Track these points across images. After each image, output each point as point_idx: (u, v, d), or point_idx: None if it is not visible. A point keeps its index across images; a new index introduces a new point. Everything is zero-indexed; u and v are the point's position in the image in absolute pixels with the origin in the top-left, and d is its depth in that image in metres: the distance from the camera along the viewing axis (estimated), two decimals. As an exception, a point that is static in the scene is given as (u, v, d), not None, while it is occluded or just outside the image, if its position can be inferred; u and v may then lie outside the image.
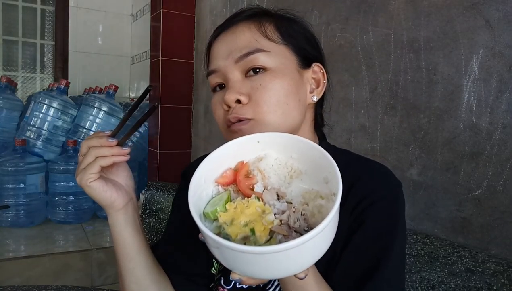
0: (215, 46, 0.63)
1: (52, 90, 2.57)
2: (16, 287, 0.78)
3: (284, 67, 0.60)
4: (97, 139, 0.59)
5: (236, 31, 0.61)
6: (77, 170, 0.60)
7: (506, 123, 0.85)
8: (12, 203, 2.12)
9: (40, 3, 3.39)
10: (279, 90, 0.58)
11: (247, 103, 0.58)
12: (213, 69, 0.63)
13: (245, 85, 0.59)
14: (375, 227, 0.58)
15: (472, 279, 0.74)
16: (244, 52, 0.59)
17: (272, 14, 0.65)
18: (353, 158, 0.68)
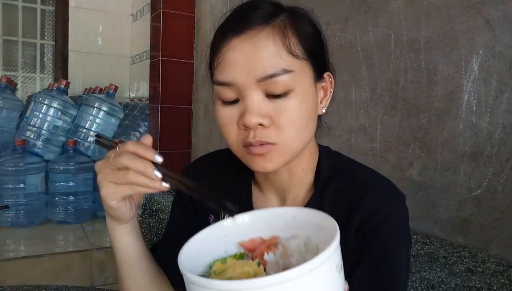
0: (230, 54, 0.54)
1: (52, 90, 2.57)
2: (16, 287, 0.78)
3: (306, 87, 0.56)
4: (142, 164, 0.50)
5: (257, 41, 0.53)
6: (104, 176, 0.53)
7: (506, 123, 0.85)
8: (12, 203, 2.12)
9: (40, 3, 3.39)
10: (303, 114, 0.56)
11: (269, 126, 0.54)
12: (228, 82, 0.55)
13: (266, 106, 0.54)
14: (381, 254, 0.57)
15: (472, 279, 0.74)
16: (269, 74, 0.53)
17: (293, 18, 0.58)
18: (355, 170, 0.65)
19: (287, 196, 0.65)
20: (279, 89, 0.53)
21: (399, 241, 0.58)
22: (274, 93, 0.54)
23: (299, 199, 0.65)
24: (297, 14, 0.59)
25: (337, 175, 0.63)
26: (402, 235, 0.59)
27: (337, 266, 0.39)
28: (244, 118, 0.54)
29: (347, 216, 0.58)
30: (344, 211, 0.59)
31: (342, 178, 0.62)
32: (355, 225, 0.57)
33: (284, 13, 0.57)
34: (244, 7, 0.58)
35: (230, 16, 0.59)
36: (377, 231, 0.57)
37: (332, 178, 0.63)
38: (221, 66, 0.56)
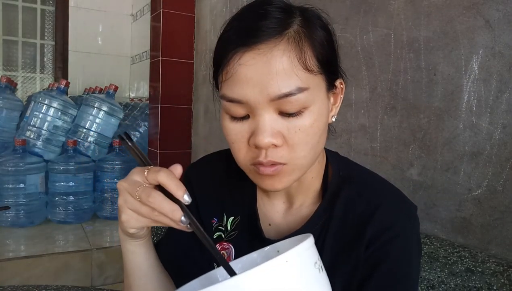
0: (241, 70, 0.50)
1: (52, 90, 2.57)
2: (16, 287, 0.78)
3: (320, 102, 0.54)
4: (170, 209, 0.46)
5: (271, 58, 0.49)
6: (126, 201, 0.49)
7: (506, 123, 0.85)
8: (12, 203, 2.12)
9: (40, 3, 3.39)
10: (316, 132, 0.53)
11: (281, 146, 0.52)
12: (239, 100, 0.51)
13: (279, 125, 0.51)
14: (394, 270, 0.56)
15: (472, 279, 0.74)
16: (284, 93, 0.49)
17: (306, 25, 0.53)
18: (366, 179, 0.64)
19: (293, 202, 0.64)
20: (293, 108, 0.51)
21: (411, 256, 0.58)
22: (288, 112, 0.51)
23: (306, 206, 0.64)
24: (310, 19, 0.55)
25: (348, 184, 0.62)
26: (414, 249, 0.59)
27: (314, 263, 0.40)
28: (256, 138, 0.51)
29: (359, 227, 0.57)
30: (356, 222, 0.58)
31: (353, 188, 0.61)
32: (367, 238, 0.57)
33: (297, 20, 0.53)
34: (252, 15, 0.53)
35: (237, 25, 0.54)
36: (390, 246, 0.56)
37: (343, 187, 0.61)
38: (230, 82, 0.52)
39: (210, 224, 0.68)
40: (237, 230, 0.65)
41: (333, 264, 0.57)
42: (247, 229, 0.65)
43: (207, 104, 2.25)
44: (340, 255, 0.58)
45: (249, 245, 0.63)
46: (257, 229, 0.63)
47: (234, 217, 0.66)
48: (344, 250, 0.58)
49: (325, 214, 0.61)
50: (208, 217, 0.68)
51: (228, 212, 0.67)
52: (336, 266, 0.57)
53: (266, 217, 0.65)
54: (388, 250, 0.56)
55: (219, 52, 0.54)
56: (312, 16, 0.55)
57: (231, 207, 0.67)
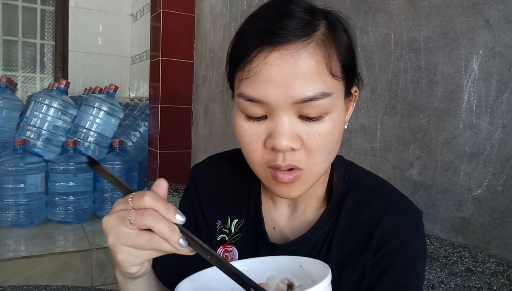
0: (266, 69, 0.48)
1: (52, 90, 2.57)
2: (16, 287, 0.78)
3: (340, 109, 0.53)
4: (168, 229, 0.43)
5: (299, 59, 0.48)
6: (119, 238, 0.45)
7: (506, 123, 0.85)
8: (12, 203, 2.12)
9: (40, 3, 3.39)
10: (334, 139, 0.52)
11: (299, 149, 0.50)
12: (259, 100, 0.49)
13: (298, 128, 0.50)
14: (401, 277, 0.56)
15: (472, 279, 0.74)
16: (308, 96, 0.48)
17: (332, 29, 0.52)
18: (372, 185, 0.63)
19: (298, 206, 0.64)
20: (314, 113, 0.49)
21: (417, 263, 0.58)
22: (309, 116, 0.50)
23: (311, 210, 0.63)
24: (334, 22, 0.53)
25: (354, 189, 0.61)
26: (420, 255, 0.59)
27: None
28: (274, 141, 0.49)
29: (366, 234, 0.57)
30: (362, 228, 0.58)
31: (359, 193, 0.61)
32: (375, 244, 0.57)
33: (322, 23, 0.51)
34: (276, 14, 0.51)
35: (259, 23, 0.52)
36: (397, 253, 0.56)
37: (349, 193, 0.61)
38: (252, 81, 0.49)
39: (214, 226, 0.67)
40: (241, 233, 0.64)
41: (340, 270, 0.57)
42: (251, 232, 0.64)
43: (207, 104, 2.25)
44: (347, 261, 0.57)
45: (254, 248, 0.63)
46: (262, 232, 0.63)
47: (238, 220, 0.65)
48: (351, 257, 0.57)
49: (330, 219, 0.60)
50: (212, 219, 0.67)
51: (233, 215, 0.66)
52: (342, 272, 0.57)
53: (271, 220, 0.64)
54: (395, 257, 0.56)
55: (240, 50, 0.52)
56: (336, 20, 0.54)
57: (235, 210, 0.66)
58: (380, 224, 0.57)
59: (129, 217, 0.44)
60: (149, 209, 0.43)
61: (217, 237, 0.66)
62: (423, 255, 0.59)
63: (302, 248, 0.59)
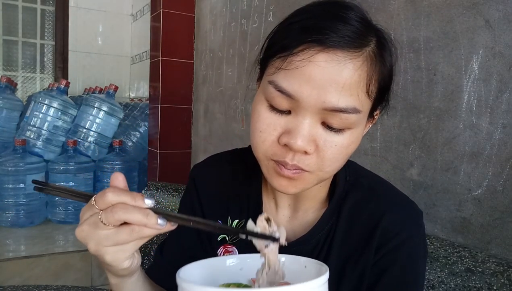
0: (309, 67, 0.47)
1: (52, 90, 2.57)
2: (16, 287, 0.78)
3: (361, 128, 0.53)
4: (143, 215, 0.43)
5: (345, 68, 0.47)
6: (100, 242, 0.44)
7: (506, 123, 0.85)
8: (12, 203, 2.12)
9: (40, 3, 3.39)
10: (348, 153, 0.53)
11: (312, 154, 0.50)
12: (291, 94, 0.48)
13: (317, 133, 0.49)
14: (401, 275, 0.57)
15: (472, 279, 0.74)
16: (340, 107, 0.47)
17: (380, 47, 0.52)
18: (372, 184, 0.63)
19: (299, 207, 0.64)
20: (338, 125, 0.49)
21: (418, 262, 0.58)
22: (332, 126, 0.49)
23: (312, 211, 0.63)
24: (383, 42, 0.53)
25: (355, 189, 0.62)
26: (421, 255, 0.59)
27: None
28: (290, 139, 0.48)
29: (367, 233, 0.58)
30: (363, 228, 0.58)
31: (360, 193, 0.61)
32: (375, 244, 0.57)
33: (374, 39, 0.51)
34: (329, 14, 0.49)
35: (311, 18, 0.50)
36: (398, 252, 0.57)
37: (349, 193, 0.61)
38: (291, 73, 0.48)
39: None
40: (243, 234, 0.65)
41: (340, 270, 0.57)
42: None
43: (207, 104, 2.25)
44: (347, 261, 0.58)
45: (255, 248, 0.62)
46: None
47: (239, 220, 0.65)
48: (351, 256, 0.58)
49: (331, 219, 0.60)
50: (212, 219, 0.67)
51: (233, 215, 0.66)
52: (343, 272, 0.57)
53: None
54: (396, 256, 0.56)
55: (285, 39, 0.50)
56: (385, 40, 0.53)
57: (236, 210, 0.66)
58: (380, 224, 0.57)
59: (100, 219, 0.43)
60: (116, 204, 0.43)
61: (217, 238, 0.66)
62: (423, 255, 0.60)
63: (303, 249, 0.59)
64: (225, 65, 2.05)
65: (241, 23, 1.90)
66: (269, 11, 1.69)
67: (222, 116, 2.08)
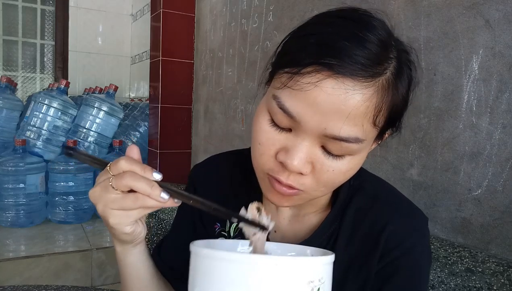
0: (314, 91, 0.44)
1: (52, 90, 2.57)
2: (16, 287, 0.78)
3: (363, 153, 0.51)
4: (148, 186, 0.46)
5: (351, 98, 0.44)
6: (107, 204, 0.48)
7: (506, 123, 0.85)
8: (12, 203, 2.12)
9: (40, 3, 3.39)
10: (347, 177, 0.52)
11: (307, 175, 0.49)
12: (293, 115, 0.46)
13: (315, 157, 0.48)
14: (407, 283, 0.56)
15: (472, 279, 0.74)
16: (341, 137, 0.46)
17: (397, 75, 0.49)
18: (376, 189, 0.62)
19: (300, 210, 0.63)
20: (338, 152, 0.48)
21: (422, 269, 0.58)
22: (331, 152, 0.48)
23: (314, 214, 0.63)
24: (402, 65, 0.49)
25: (359, 194, 0.61)
26: (425, 262, 0.59)
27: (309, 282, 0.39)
28: (287, 158, 0.47)
29: (371, 239, 0.57)
30: (367, 234, 0.58)
31: (363, 198, 0.60)
32: (380, 250, 0.56)
33: (392, 66, 0.47)
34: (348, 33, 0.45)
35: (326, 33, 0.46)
36: (402, 259, 0.56)
37: (354, 197, 0.61)
38: (295, 94, 0.46)
39: (213, 229, 0.66)
40: (241, 236, 0.64)
41: (343, 274, 0.57)
42: None
43: (207, 104, 2.25)
44: (350, 266, 0.57)
45: None
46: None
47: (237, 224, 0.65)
48: (354, 262, 0.57)
49: (334, 223, 0.60)
50: (211, 221, 0.67)
51: None
52: (346, 276, 0.57)
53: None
54: (400, 263, 0.56)
55: (295, 54, 0.47)
56: (405, 62, 0.50)
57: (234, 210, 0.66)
58: (384, 232, 0.56)
59: (110, 183, 0.47)
60: (127, 171, 0.47)
61: (216, 237, 0.66)
62: (427, 263, 0.59)
63: None
64: (225, 65, 2.05)
65: (241, 23, 1.90)
66: (269, 11, 1.69)
67: (222, 116, 2.08)
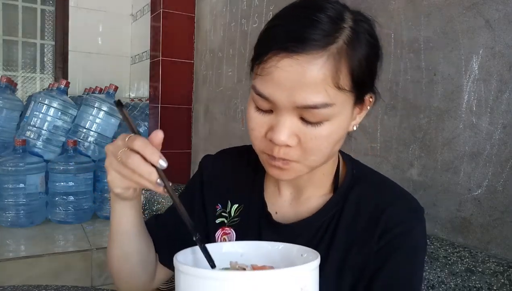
0: (276, 72, 0.52)
1: (52, 90, 2.57)
2: (16, 287, 0.78)
3: (343, 117, 0.56)
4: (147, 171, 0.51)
5: (307, 70, 0.50)
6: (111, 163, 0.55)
7: (506, 123, 0.85)
8: (12, 203, 2.12)
9: (40, 3, 3.39)
10: (331, 142, 0.56)
11: (295, 146, 0.55)
12: (267, 97, 0.54)
13: (298, 128, 0.54)
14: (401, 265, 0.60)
15: (472, 279, 0.74)
16: (309, 104, 0.52)
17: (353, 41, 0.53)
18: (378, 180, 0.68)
19: (301, 194, 0.67)
20: (315, 119, 0.53)
21: (418, 253, 0.61)
22: (308, 120, 0.54)
23: (315, 198, 0.66)
24: (358, 34, 0.54)
25: (361, 182, 0.65)
26: (421, 244, 0.63)
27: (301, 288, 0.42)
28: (273, 135, 0.54)
29: (371, 222, 0.61)
30: (368, 217, 0.61)
31: (365, 186, 0.65)
32: (379, 231, 0.60)
33: (344, 34, 0.53)
34: (301, 19, 0.52)
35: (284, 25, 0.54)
36: (400, 239, 0.60)
37: (356, 185, 0.65)
38: (264, 79, 0.54)
39: (214, 209, 0.72)
40: (240, 217, 0.70)
41: (345, 254, 0.61)
42: (253, 215, 0.68)
43: (207, 104, 2.25)
44: (352, 246, 0.61)
45: (255, 231, 0.67)
46: (265, 214, 0.67)
47: (238, 205, 0.70)
48: (356, 243, 0.61)
49: (336, 206, 0.64)
50: (213, 202, 0.73)
51: (233, 200, 0.71)
52: (347, 256, 0.61)
53: (273, 205, 0.68)
54: (399, 244, 0.59)
55: (261, 46, 0.56)
56: (362, 31, 0.55)
57: (237, 196, 0.71)
58: (384, 214, 0.60)
59: (119, 154, 0.53)
60: (135, 154, 0.52)
61: (216, 220, 0.71)
62: (423, 248, 0.63)
63: (304, 231, 0.63)
64: (225, 65, 2.05)
65: (241, 23, 1.90)
66: (269, 11, 1.69)
67: (222, 116, 2.08)
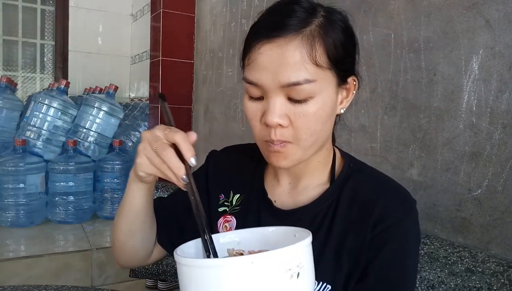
0: (260, 58, 0.59)
1: (52, 90, 2.57)
2: (16, 287, 0.78)
3: (327, 94, 0.61)
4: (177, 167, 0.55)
5: (286, 51, 0.57)
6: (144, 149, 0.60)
7: (506, 123, 0.85)
8: (12, 203, 2.12)
9: (40, 3, 3.39)
10: (318, 120, 0.61)
11: (287, 127, 0.60)
12: (255, 83, 0.60)
13: (287, 108, 0.60)
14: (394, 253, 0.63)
15: (472, 279, 0.74)
16: (292, 82, 0.57)
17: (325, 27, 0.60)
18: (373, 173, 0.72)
19: (299, 183, 0.71)
20: (300, 96, 0.58)
21: (412, 240, 0.64)
22: (295, 98, 0.59)
23: (312, 188, 0.70)
24: (332, 21, 0.61)
25: (357, 174, 0.69)
26: (414, 234, 0.65)
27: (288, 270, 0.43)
28: (266, 117, 0.60)
29: (366, 211, 0.64)
30: (363, 206, 0.65)
31: (361, 178, 0.68)
32: (373, 220, 0.63)
33: (317, 21, 0.59)
34: (280, 12, 0.60)
35: (266, 18, 0.62)
36: (391, 232, 0.62)
37: (352, 176, 0.69)
38: (251, 67, 0.60)
39: (217, 198, 0.78)
40: (241, 206, 0.75)
41: (342, 240, 0.64)
42: (253, 203, 0.73)
43: (207, 104, 2.25)
44: (348, 233, 0.64)
45: (256, 218, 0.71)
46: (265, 201, 0.72)
47: (240, 195, 0.76)
48: (351, 230, 0.64)
49: (333, 195, 0.67)
50: (216, 192, 0.78)
51: (235, 190, 0.76)
52: (345, 241, 0.64)
53: (272, 194, 0.72)
54: (391, 233, 0.62)
55: (248, 40, 0.62)
56: (335, 20, 0.62)
57: (238, 186, 0.77)
58: (378, 204, 0.64)
59: (155, 144, 0.57)
60: (171, 147, 0.55)
61: (218, 208, 0.76)
62: (416, 236, 0.66)
63: (303, 217, 0.67)
64: (225, 65, 2.05)
65: (241, 23, 1.90)
66: (269, 11, 1.69)
67: (222, 116, 2.08)
